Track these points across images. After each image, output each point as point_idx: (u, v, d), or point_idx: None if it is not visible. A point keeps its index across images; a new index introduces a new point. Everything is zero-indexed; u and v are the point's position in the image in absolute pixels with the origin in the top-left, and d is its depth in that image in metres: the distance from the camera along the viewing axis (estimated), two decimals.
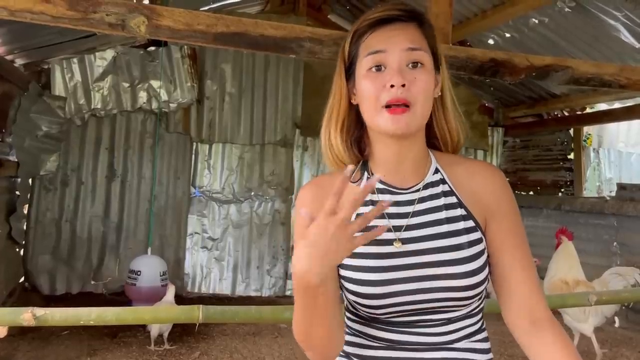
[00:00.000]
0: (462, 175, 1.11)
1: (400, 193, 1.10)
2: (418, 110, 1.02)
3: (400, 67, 1.02)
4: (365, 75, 1.05)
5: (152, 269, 4.85)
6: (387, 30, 1.05)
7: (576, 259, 4.24)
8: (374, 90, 1.03)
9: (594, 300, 2.64)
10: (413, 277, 1.03)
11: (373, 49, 1.04)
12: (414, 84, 1.01)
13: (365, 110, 1.07)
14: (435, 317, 1.04)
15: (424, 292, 1.02)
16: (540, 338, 1.04)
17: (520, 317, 1.06)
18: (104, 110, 5.72)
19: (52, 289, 5.59)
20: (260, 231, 6.21)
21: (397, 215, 1.08)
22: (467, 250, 1.03)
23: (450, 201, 1.09)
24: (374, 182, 0.85)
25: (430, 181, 1.10)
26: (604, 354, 4.35)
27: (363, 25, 1.07)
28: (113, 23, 1.90)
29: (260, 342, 4.43)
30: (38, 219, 5.59)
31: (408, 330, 1.06)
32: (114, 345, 4.22)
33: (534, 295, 1.06)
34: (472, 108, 6.84)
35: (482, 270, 1.04)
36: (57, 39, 4.61)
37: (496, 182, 1.11)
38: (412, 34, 1.05)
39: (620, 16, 4.05)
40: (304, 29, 2.12)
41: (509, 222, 1.09)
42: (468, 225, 1.06)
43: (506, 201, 1.10)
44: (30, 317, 1.98)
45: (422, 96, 1.03)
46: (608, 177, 7.49)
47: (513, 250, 1.08)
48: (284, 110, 6.24)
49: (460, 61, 2.32)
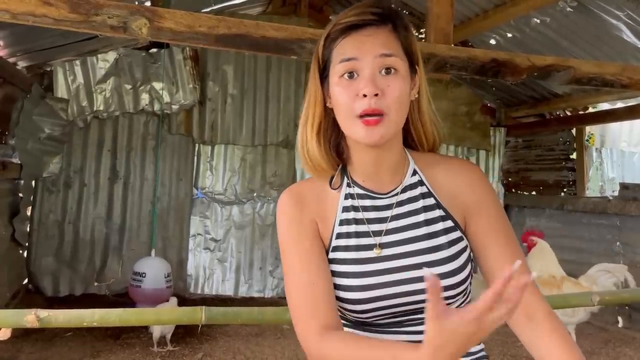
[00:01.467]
0: (440, 176, 1.11)
1: (379, 198, 1.10)
2: (392, 118, 1.01)
3: (373, 75, 1.00)
4: (337, 83, 1.03)
5: (156, 270, 4.84)
6: (359, 36, 1.03)
7: (554, 255, 4.23)
8: (347, 98, 1.01)
9: (597, 300, 2.64)
10: (393, 281, 1.03)
11: (345, 57, 1.02)
12: (388, 92, 1.00)
13: (339, 118, 1.06)
14: (421, 316, 1.04)
15: (406, 295, 1.03)
16: (538, 331, 1.03)
17: (517, 313, 1.06)
18: (106, 112, 5.73)
19: (56, 290, 5.60)
20: (262, 232, 6.22)
21: (376, 220, 1.08)
22: (447, 251, 1.04)
23: (429, 203, 1.09)
24: (522, 284, 0.76)
25: (408, 183, 1.11)
26: (606, 353, 4.34)
27: (335, 30, 1.05)
28: (115, 25, 1.91)
29: (263, 343, 4.43)
30: (41, 221, 5.60)
31: (397, 330, 1.07)
32: (117, 346, 4.23)
33: (527, 290, 1.06)
34: (474, 108, 6.84)
35: (464, 269, 1.05)
36: (60, 41, 4.62)
37: (474, 180, 1.11)
38: (384, 39, 1.03)
39: (623, 15, 4.04)
40: (305, 30, 2.13)
41: (490, 217, 1.09)
42: (447, 226, 1.07)
43: (485, 198, 1.10)
44: (33, 318, 1.98)
45: (397, 104, 1.01)
46: (611, 176, 7.47)
47: (499, 246, 1.07)
48: (286, 111, 6.24)
49: (461, 61, 2.33)
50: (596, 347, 4.52)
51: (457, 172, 1.12)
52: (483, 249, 1.08)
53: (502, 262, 1.06)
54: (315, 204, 1.11)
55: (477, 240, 1.08)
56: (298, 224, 1.09)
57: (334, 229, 1.09)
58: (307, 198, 1.12)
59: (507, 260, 1.06)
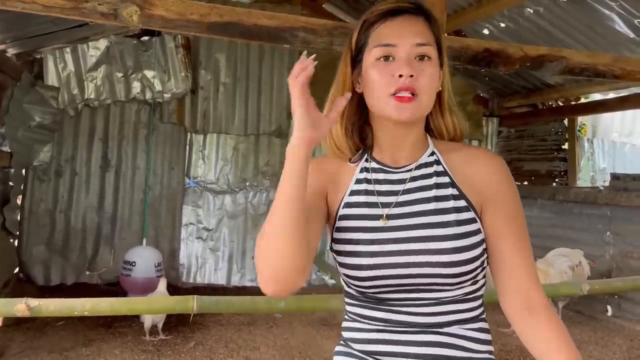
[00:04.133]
0: (458, 160, 1.13)
1: (393, 172, 1.13)
2: (424, 100, 1.06)
3: (409, 59, 1.05)
4: (374, 65, 1.08)
5: (146, 260, 4.85)
6: (398, 22, 1.08)
7: None
8: (382, 79, 1.06)
9: (587, 289, 2.66)
10: (399, 250, 1.05)
11: (383, 42, 1.07)
12: (422, 75, 1.05)
13: (371, 98, 1.09)
14: (425, 296, 1.06)
15: (409, 266, 1.04)
16: (535, 323, 1.05)
17: (517, 302, 1.07)
18: (97, 101, 5.69)
19: (47, 279, 5.58)
20: (255, 222, 6.21)
21: (387, 193, 1.11)
22: (455, 228, 1.05)
23: (442, 181, 1.10)
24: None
25: (424, 162, 1.13)
26: (595, 342, 4.39)
27: (373, 15, 1.10)
28: (105, 12, 1.89)
29: (255, 332, 4.44)
30: (32, 210, 5.57)
31: (398, 309, 1.08)
32: (109, 335, 4.23)
33: (530, 281, 1.07)
34: (466, 98, 6.84)
35: (471, 249, 1.04)
36: (50, 29, 4.56)
37: (495, 168, 1.12)
38: (421, 28, 1.08)
39: (615, 6, 4.04)
40: (298, 19, 2.11)
41: (506, 208, 1.09)
42: (458, 205, 1.07)
43: (504, 188, 1.11)
44: (24, 307, 1.98)
45: (429, 87, 1.06)
46: (602, 167, 7.51)
47: (511, 237, 1.08)
48: (279, 101, 6.22)
49: (454, 51, 2.32)
50: (586, 335, 4.56)
51: (477, 159, 1.13)
52: (495, 238, 1.08)
53: (510, 254, 1.07)
54: (332, 174, 1.17)
55: (492, 230, 1.09)
56: (311, 180, 1.09)
57: (344, 197, 1.13)
58: (328, 167, 1.18)
59: (518, 252, 1.08)
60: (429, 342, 1.05)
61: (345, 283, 1.14)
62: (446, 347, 1.05)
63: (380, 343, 1.08)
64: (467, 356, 1.07)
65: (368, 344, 1.10)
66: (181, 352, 3.97)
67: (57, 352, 3.85)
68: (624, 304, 5.04)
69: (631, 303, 4.96)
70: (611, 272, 5.13)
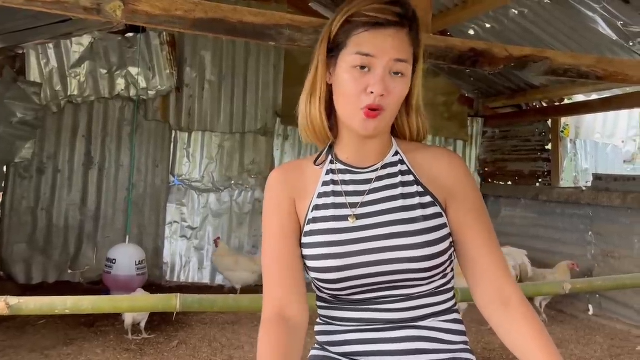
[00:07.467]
0: (421, 159, 1.17)
1: (359, 172, 1.15)
2: (388, 115, 1.09)
3: (384, 75, 1.06)
4: (348, 71, 1.08)
5: (127, 257, 4.82)
6: (380, 34, 1.07)
7: None
8: (355, 89, 1.07)
9: (569, 288, 2.69)
10: (368, 249, 1.07)
11: (363, 51, 1.06)
12: (392, 93, 1.07)
13: (341, 103, 1.11)
14: (396, 293, 1.08)
15: (379, 264, 1.06)
16: (510, 317, 1.06)
17: (491, 297, 1.09)
18: (80, 97, 5.63)
19: (28, 278, 5.50)
20: (240, 220, 6.19)
21: (354, 193, 1.13)
22: (422, 224, 1.07)
23: (407, 179, 1.13)
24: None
25: (389, 162, 1.16)
26: (577, 340, 4.44)
27: (357, 20, 1.08)
28: (88, 7, 1.87)
29: (239, 331, 4.42)
30: (13, 207, 5.50)
31: (371, 307, 1.09)
32: (91, 334, 4.18)
33: (503, 276, 1.09)
34: (451, 98, 6.87)
35: (439, 243, 1.07)
36: (32, 24, 4.49)
37: (456, 167, 1.16)
38: (401, 43, 1.08)
39: (599, 8, 4.09)
40: (284, 16, 2.11)
41: (469, 203, 1.13)
42: (424, 201, 1.10)
43: (466, 184, 1.15)
44: (3, 306, 1.95)
45: (396, 105, 1.09)
46: (584, 167, 7.58)
47: (477, 232, 1.11)
48: (265, 99, 6.19)
49: (440, 51, 2.33)
50: (567, 334, 4.61)
51: (438, 157, 1.17)
52: (460, 232, 1.12)
53: (477, 248, 1.09)
54: (298, 181, 1.18)
55: (456, 224, 1.12)
56: (278, 201, 1.17)
57: (312, 201, 1.14)
58: (292, 176, 1.19)
59: (488, 247, 1.09)
60: (406, 338, 1.07)
61: (317, 288, 1.14)
62: (423, 340, 1.07)
63: (357, 343, 1.09)
64: (444, 348, 1.09)
65: (345, 346, 1.11)
66: (164, 351, 3.94)
67: (38, 351, 3.81)
68: (605, 303, 5.10)
69: (612, 302, 5.02)
70: (592, 271, 5.19)
